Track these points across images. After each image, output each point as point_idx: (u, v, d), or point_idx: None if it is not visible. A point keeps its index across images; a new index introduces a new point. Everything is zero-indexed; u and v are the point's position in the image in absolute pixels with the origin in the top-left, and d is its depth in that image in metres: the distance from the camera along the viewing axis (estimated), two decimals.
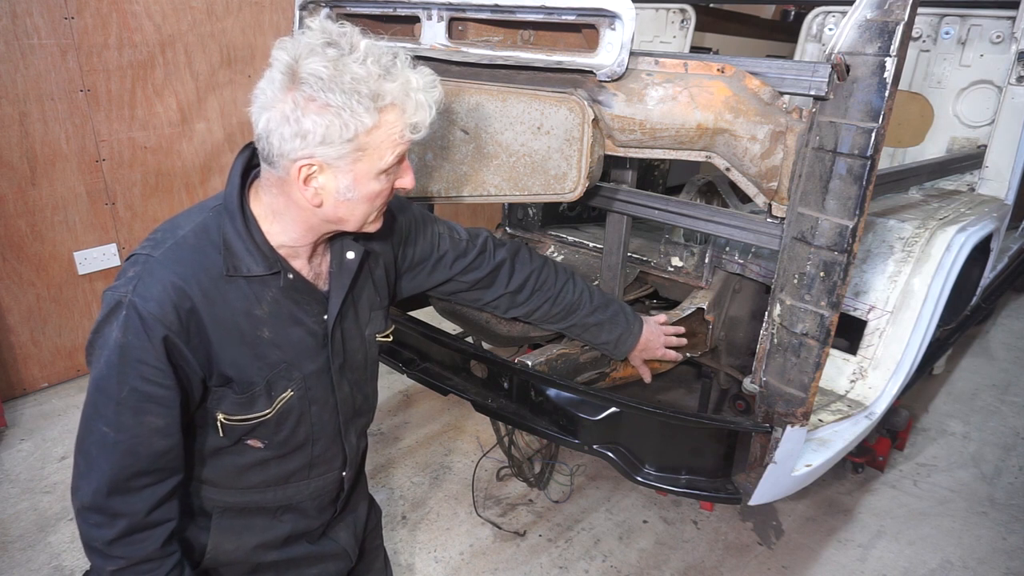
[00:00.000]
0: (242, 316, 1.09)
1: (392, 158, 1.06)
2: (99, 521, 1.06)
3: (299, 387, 1.18)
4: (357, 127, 0.99)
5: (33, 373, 3.35)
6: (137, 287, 1.02)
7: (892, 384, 2.07)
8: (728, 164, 1.52)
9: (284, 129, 0.99)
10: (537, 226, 2.71)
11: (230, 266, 1.08)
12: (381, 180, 1.08)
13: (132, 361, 1.01)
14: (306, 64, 0.97)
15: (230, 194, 1.10)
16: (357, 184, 1.05)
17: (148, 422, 1.04)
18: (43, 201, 3.18)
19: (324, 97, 0.96)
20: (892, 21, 1.25)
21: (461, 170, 1.79)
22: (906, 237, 2.16)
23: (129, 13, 3.22)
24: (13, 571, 2.35)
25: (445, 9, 1.73)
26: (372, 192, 1.08)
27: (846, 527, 2.69)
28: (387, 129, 1.02)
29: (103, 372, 1.02)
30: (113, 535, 1.05)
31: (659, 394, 2.26)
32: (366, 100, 0.98)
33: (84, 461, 1.06)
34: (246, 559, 1.27)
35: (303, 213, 1.09)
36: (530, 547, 2.54)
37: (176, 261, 1.05)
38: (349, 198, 1.06)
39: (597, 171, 1.62)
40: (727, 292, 2.20)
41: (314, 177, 1.03)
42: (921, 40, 3.11)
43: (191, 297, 1.04)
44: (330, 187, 1.04)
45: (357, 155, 1.02)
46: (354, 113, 0.98)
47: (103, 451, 1.04)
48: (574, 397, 1.71)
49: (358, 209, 1.09)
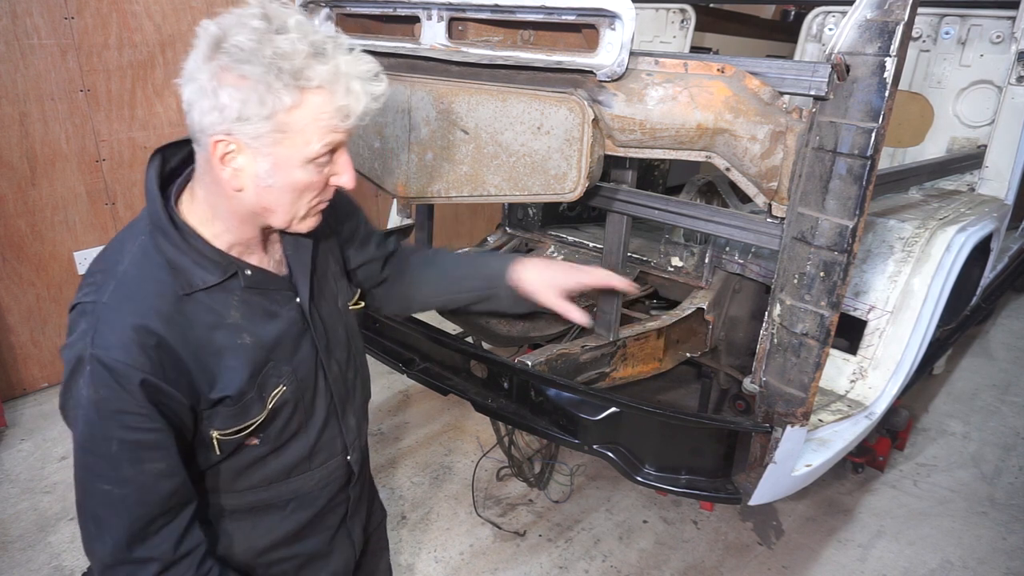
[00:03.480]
0: (215, 329, 1.04)
1: (320, 147, 0.97)
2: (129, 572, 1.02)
3: (290, 380, 1.14)
4: (275, 104, 0.92)
5: (33, 373, 3.35)
6: (95, 339, 0.95)
7: (892, 384, 2.07)
8: (728, 164, 1.52)
9: (203, 102, 0.93)
10: (537, 226, 2.71)
11: (183, 284, 1.01)
12: (309, 171, 0.99)
13: (111, 414, 0.96)
14: (231, 36, 0.91)
15: (153, 211, 1.02)
16: (278, 170, 0.97)
17: (149, 469, 1.00)
18: (43, 201, 3.18)
19: (241, 68, 0.90)
20: (892, 21, 1.25)
21: (461, 170, 1.79)
22: (906, 237, 2.16)
23: (129, 13, 3.22)
24: (13, 571, 2.35)
25: (445, 9, 1.73)
26: (297, 182, 0.99)
27: (846, 527, 2.69)
28: (311, 112, 0.95)
29: (85, 432, 0.98)
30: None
31: (659, 394, 2.27)
32: (287, 76, 0.92)
33: (94, 523, 1.01)
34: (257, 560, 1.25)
35: (230, 202, 1.01)
36: (530, 547, 2.54)
37: (126, 299, 0.98)
38: (270, 185, 0.98)
39: (597, 171, 1.62)
40: (727, 292, 2.20)
41: (232, 157, 0.96)
42: (921, 40, 3.11)
43: (155, 332, 0.97)
44: (249, 170, 0.97)
45: (276, 136, 0.95)
46: (271, 89, 0.91)
47: (111, 508, 1.00)
48: (574, 397, 1.71)
49: (283, 199, 1.01)
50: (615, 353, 1.97)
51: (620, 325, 1.97)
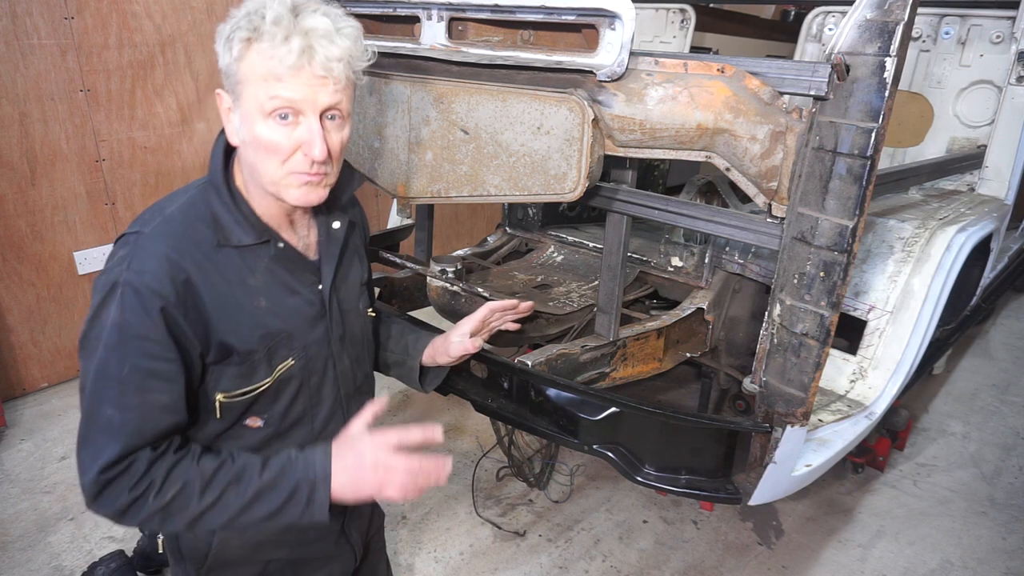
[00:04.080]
0: (237, 286, 1.09)
1: (268, 100, 1.00)
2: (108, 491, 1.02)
3: (300, 356, 1.17)
4: (231, 56, 1.01)
5: (33, 373, 3.35)
6: (131, 264, 1.01)
7: (892, 384, 2.07)
8: (728, 164, 1.52)
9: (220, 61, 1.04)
10: (537, 226, 2.72)
11: (220, 237, 1.08)
12: (271, 127, 1.01)
13: (132, 338, 1.00)
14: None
15: (214, 169, 1.11)
16: (244, 122, 1.04)
17: (153, 400, 1.02)
18: (43, 201, 3.18)
19: (224, 26, 1.01)
20: (892, 21, 1.25)
21: (461, 170, 1.79)
22: (906, 237, 2.16)
23: (129, 13, 3.22)
24: (13, 571, 2.35)
25: (445, 9, 1.73)
26: (260, 137, 1.02)
27: (846, 527, 2.69)
28: (252, 62, 1.00)
29: (103, 356, 1.01)
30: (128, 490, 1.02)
31: (659, 394, 2.26)
32: (242, 31, 0.99)
33: (88, 453, 1.02)
34: (252, 556, 1.26)
35: (244, 166, 1.11)
36: (530, 547, 2.54)
37: (167, 235, 1.05)
38: (244, 139, 1.05)
39: (597, 171, 1.62)
40: (727, 292, 2.20)
41: (227, 112, 1.07)
42: (921, 40, 3.11)
43: (185, 269, 1.03)
44: (234, 123, 1.06)
45: (238, 89, 1.03)
46: (229, 40, 1.00)
47: (109, 434, 1.01)
48: (574, 397, 1.71)
49: (258, 157, 1.04)
50: (615, 353, 1.97)
51: (620, 325, 1.97)
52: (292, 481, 1.06)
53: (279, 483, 1.06)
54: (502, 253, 2.73)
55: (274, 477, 1.06)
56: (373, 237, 2.61)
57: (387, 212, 3.05)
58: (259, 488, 1.05)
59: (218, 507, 1.04)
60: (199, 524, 1.04)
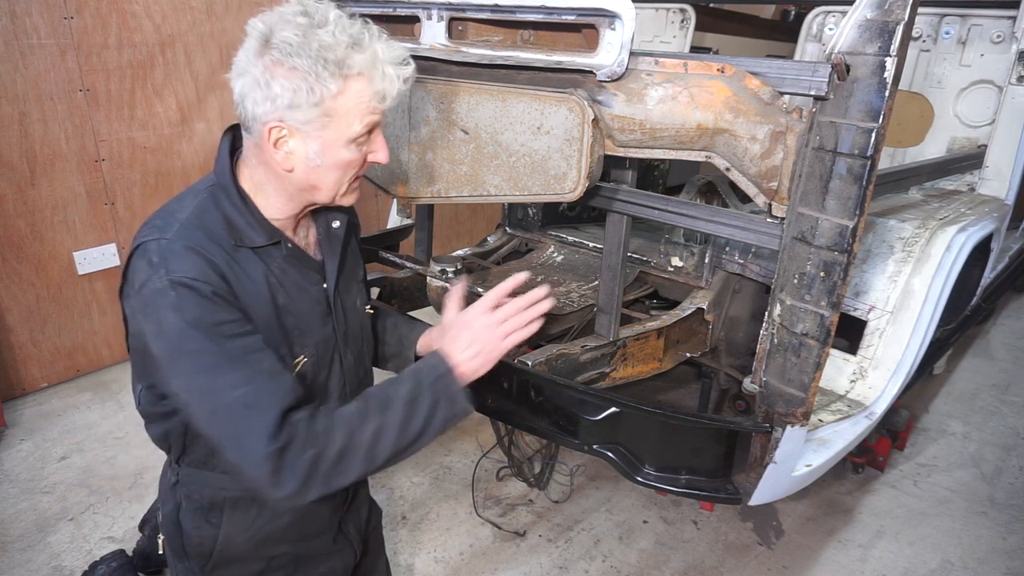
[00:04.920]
0: (261, 281, 1.13)
1: (360, 127, 1.08)
2: (289, 453, 1.02)
3: (312, 353, 1.20)
4: (323, 92, 1.02)
5: (33, 373, 3.35)
6: (169, 268, 1.03)
7: (892, 384, 2.07)
8: (728, 164, 1.52)
9: (256, 93, 1.03)
10: (537, 226, 2.71)
11: (236, 238, 1.11)
12: (351, 150, 1.10)
13: (210, 327, 1.02)
14: (278, 32, 1.02)
15: (221, 172, 1.13)
16: (326, 150, 1.08)
17: (265, 366, 1.05)
18: (43, 201, 3.18)
19: (291, 61, 1.01)
20: (892, 21, 1.25)
21: (461, 170, 1.79)
22: (906, 237, 2.16)
23: (129, 13, 3.22)
24: (13, 571, 2.35)
25: (445, 9, 1.73)
26: (342, 160, 1.10)
27: (846, 527, 2.69)
28: (353, 97, 1.05)
29: (195, 358, 1.01)
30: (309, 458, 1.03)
31: (659, 394, 2.26)
32: (332, 67, 1.02)
33: (249, 440, 1.00)
34: (256, 553, 1.27)
35: (280, 181, 1.12)
36: (530, 547, 2.54)
37: (191, 236, 1.07)
38: (318, 164, 1.09)
39: (597, 171, 1.62)
40: (727, 292, 2.20)
41: (284, 141, 1.07)
42: (921, 40, 3.11)
43: (218, 264, 1.06)
44: (300, 152, 1.08)
45: (324, 120, 1.05)
46: (319, 78, 1.01)
47: (256, 408, 1.01)
48: (574, 397, 1.71)
49: (329, 177, 1.12)
50: (615, 353, 1.97)
51: (620, 325, 1.97)
52: (429, 382, 1.13)
53: (419, 392, 1.12)
54: (502, 253, 2.73)
55: (411, 388, 1.12)
56: (373, 237, 2.61)
57: (387, 212, 3.05)
58: (406, 402, 1.11)
59: (384, 433, 1.08)
60: (374, 457, 1.08)
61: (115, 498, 2.68)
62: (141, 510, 2.55)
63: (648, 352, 2.04)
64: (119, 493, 2.71)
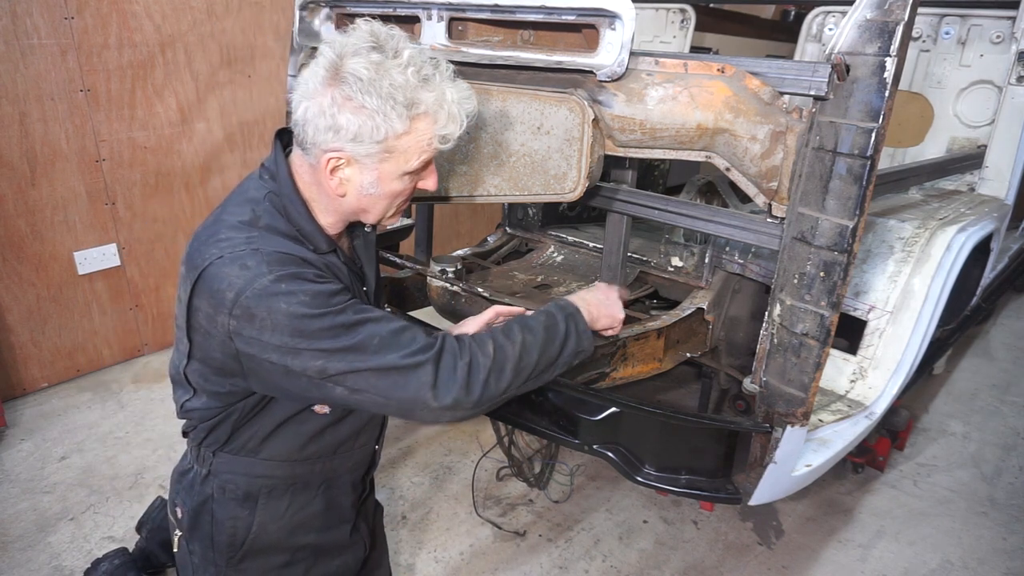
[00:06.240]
0: (336, 279, 1.16)
1: (417, 163, 1.12)
2: (444, 363, 1.09)
3: None
4: (388, 131, 1.05)
5: (33, 373, 3.35)
6: (270, 267, 1.04)
7: (892, 384, 2.07)
8: (728, 164, 1.52)
9: (320, 121, 1.05)
10: (537, 226, 2.72)
11: (308, 245, 1.15)
12: (404, 180, 1.14)
13: (326, 303, 1.04)
14: (350, 63, 1.03)
15: (284, 183, 1.15)
16: (381, 182, 1.12)
17: (392, 328, 1.08)
18: (43, 201, 3.18)
19: (361, 99, 1.02)
20: (892, 21, 1.25)
21: (461, 170, 1.79)
22: (906, 237, 2.16)
23: (129, 13, 3.22)
24: (13, 571, 2.35)
25: (445, 9, 1.73)
26: (394, 190, 1.14)
27: (846, 527, 2.69)
28: (417, 136, 1.08)
29: (327, 337, 1.03)
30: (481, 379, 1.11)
31: (659, 394, 2.26)
32: (400, 107, 1.04)
33: (411, 372, 1.06)
34: (286, 542, 1.29)
35: (331, 202, 1.15)
36: (530, 547, 2.54)
37: (275, 240, 1.10)
38: (371, 193, 1.13)
39: (597, 171, 1.62)
40: (727, 292, 2.20)
41: (340, 169, 1.10)
42: (921, 40, 3.11)
43: (306, 259, 1.11)
44: (355, 180, 1.11)
45: (384, 155, 1.08)
46: (387, 118, 1.04)
47: (403, 337, 1.07)
48: (574, 397, 1.71)
49: (379, 204, 1.16)
50: (615, 353, 1.97)
51: None
52: (563, 316, 1.26)
53: (554, 321, 1.25)
54: (502, 253, 2.73)
55: (546, 318, 1.25)
56: None
57: None
58: (544, 327, 1.22)
59: (529, 349, 1.18)
60: (520, 369, 1.16)
61: (115, 498, 2.68)
62: (141, 510, 2.54)
63: (648, 352, 2.04)
64: (119, 493, 2.71)
